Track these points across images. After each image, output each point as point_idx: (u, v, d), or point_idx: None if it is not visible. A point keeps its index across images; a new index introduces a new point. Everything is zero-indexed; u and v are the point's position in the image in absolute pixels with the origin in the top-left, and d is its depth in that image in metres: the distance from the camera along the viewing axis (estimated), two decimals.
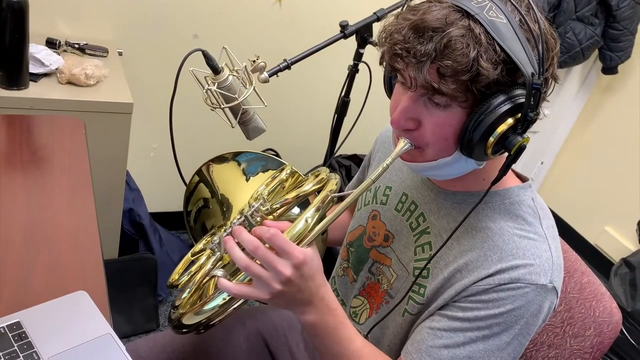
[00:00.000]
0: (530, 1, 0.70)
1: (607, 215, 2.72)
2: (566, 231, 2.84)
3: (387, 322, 0.91)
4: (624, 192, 2.63)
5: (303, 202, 0.87)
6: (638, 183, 2.56)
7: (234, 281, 0.74)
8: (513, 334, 0.76)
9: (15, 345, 0.72)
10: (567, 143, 2.92)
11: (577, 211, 2.84)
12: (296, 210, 0.89)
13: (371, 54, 1.38)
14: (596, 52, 2.52)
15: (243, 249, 0.72)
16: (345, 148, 1.74)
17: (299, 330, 1.12)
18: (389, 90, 0.82)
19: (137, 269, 1.87)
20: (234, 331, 1.08)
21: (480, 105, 0.69)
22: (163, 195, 2.14)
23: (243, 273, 0.74)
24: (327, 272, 0.86)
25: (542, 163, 2.99)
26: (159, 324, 1.92)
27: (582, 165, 2.86)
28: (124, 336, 1.84)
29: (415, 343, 0.81)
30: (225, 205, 0.92)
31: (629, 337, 2.01)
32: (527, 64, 0.67)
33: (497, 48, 0.67)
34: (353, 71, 1.52)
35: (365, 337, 0.94)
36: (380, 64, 0.77)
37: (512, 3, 0.69)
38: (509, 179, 0.84)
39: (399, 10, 0.75)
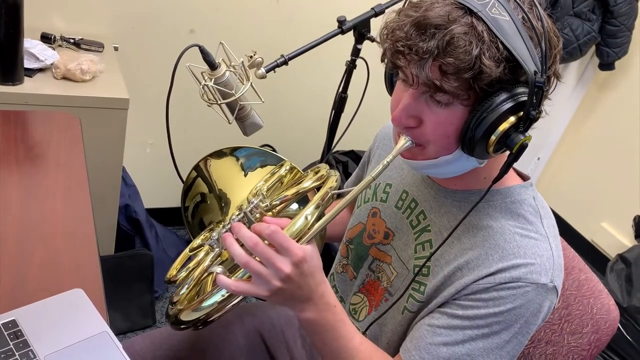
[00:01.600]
0: None
1: (604, 211, 2.73)
2: (563, 227, 2.84)
3: (386, 319, 0.91)
4: (621, 188, 2.63)
5: (302, 198, 0.86)
6: (634, 179, 2.56)
7: (232, 278, 0.73)
8: (512, 332, 0.76)
9: (11, 343, 0.71)
10: (564, 139, 2.92)
11: (573, 207, 2.84)
12: (294, 205, 0.89)
13: (369, 49, 1.38)
14: (593, 48, 2.52)
15: (242, 245, 0.72)
16: (343, 144, 1.74)
17: (296, 326, 1.12)
18: (390, 87, 0.82)
19: (134, 265, 1.86)
20: (232, 328, 1.08)
21: (482, 103, 0.69)
22: (159, 191, 2.13)
23: (242, 270, 0.73)
24: (326, 268, 0.86)
25: (538, 159, 2.99)
26: (156, 320, 1.92)
27: (579, 161, 2.86)
28: (120, 332, 1.83)
29: (415, 340, 0.81)
30: (223, 201, 0.91)
31: (624, 333, 2.01)
32: (529, 62, 0.66)
33: (500, 46, 0.66)
34: (350, 67, 1.51)
35: (364, 334, 0.93)
36: (382, 60, 0.77)
37: (515, 0, 0.69)
38: (510, 178, 0.84)
39: (401, 6, 0.74)
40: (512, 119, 0.69)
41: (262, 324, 1.11)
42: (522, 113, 0.69)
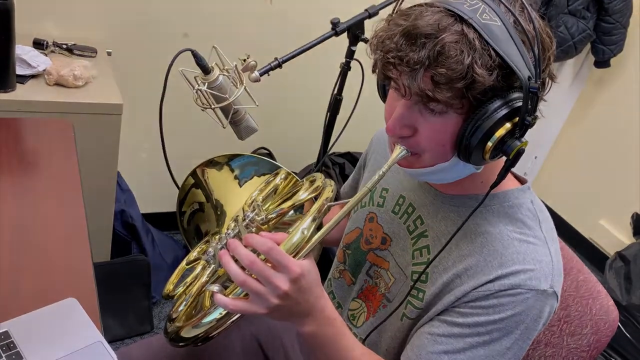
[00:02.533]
0: (524, 0, 0.69)
1: (601, 208, 2.73)
2: (561, 225, 2.84)
3: (385, 325, 0.90)
4: (618, 185, 2.63)
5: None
6: (632, 176, 2.56)
7: (230, 295, 0.72)
8: (513, 339, 0.76)
9: (3, 355, 0.70)
10: (561, 137, 2.93)
11: (571, 205, 2.84)
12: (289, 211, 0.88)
13: (363, 51, 1.37)
14: (588, 45, 2.52)
15: (237, 261, 0.71)
16: (339, 146, 1.73)
17: (293, 332, 1.11)
18: (383, 95, 0.81)
19: (130, 271, 1.85)
20: (229, 334, 1.07)
21: (476, 111, 0.68)
22: (155, 195, 2.12)
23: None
24: (323, 273, 0.85)
25: (535, 157, 2.99)
26: (153, 326, 1.91)
27: (576, 159, 2.86)
28: (117, 339, 1.82)
29: (415, 348, 0.80)
30: (219, 210, 0.91)
31: (624, 331, 2.01)
32: (523, 67, 0.65)
33: (492, 53, 0.65)
34: (345, 69, 1.50)
35: (363, 341, 0.93)
36: (373, 71, 0.76)
37: (504, 4, 0.67)
38: (507, 181, 0.83)
39: (390, 14, 0.73)
40: (507, 125, 0.68)
41: (259, 329, 1.10)
42: (517, 119, 0.68)
